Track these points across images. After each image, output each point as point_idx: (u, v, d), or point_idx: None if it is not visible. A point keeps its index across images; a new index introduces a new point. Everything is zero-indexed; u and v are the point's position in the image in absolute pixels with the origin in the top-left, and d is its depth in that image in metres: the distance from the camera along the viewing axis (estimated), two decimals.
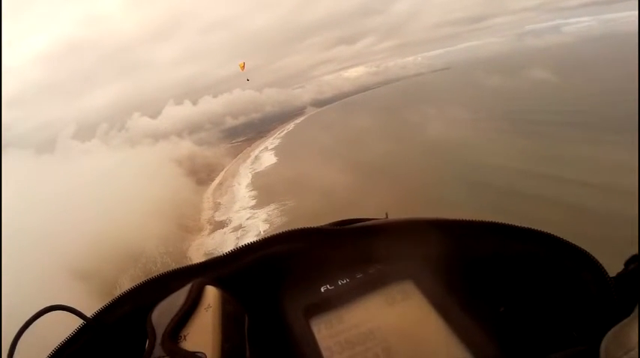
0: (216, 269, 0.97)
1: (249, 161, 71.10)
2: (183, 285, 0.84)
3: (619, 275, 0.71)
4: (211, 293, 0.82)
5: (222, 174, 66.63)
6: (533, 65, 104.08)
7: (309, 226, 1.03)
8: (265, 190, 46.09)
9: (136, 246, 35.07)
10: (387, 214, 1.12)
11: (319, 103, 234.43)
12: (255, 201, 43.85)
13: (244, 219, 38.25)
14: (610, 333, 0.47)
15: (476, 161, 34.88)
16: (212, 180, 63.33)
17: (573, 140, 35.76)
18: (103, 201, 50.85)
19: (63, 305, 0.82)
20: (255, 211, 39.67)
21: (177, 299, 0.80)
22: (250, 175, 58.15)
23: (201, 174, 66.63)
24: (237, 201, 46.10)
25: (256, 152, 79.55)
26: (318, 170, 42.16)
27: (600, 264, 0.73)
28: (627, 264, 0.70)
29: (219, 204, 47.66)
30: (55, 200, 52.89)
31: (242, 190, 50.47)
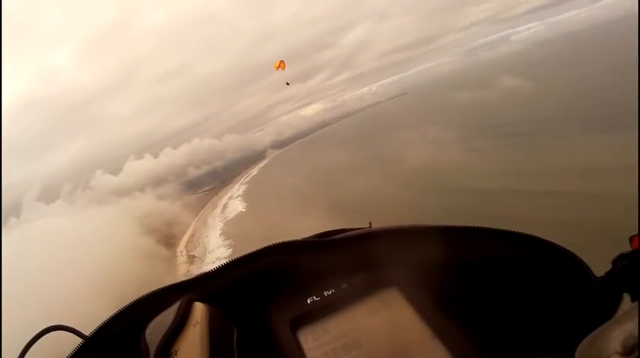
0: (205, 285, 1.01)
1: (217, 210, 70.13)
2: (174, 302, 0.87)
3: (607, 274, 0.71)
4: (199, 309, 0.85)
5: (192, 226, 65.38)
6: (499, 74, 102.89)
7: (292, 239, 1.06)
8: (240, 238, 44.81)
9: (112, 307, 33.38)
10: (370, 223, 1.17)
11: (280, 144, 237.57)
12: (231, 250, 42.79)
13: None
14: (585, 340, 0.47)
15: (460, 185, 33.74)
16: (183, 233, 61.88)
17: (554, 147, 34.48)
18: (65, 267, 48.26)
19: (62, 326, 0.85)
20: None
21: (168, 316, 0.84)
22: (222, 224, 57.19)
23: (171, 228, 64.96)
24: (212, 252, 45.04)
25: (224, 200, 78.71)
26: (292, 214, 40.85)
27: (586, 265, 0.73)
28: (615, 262, 0.70)
29: (194, 256, 46.59)
30: (18, 267, 49.78)
31: (215, 240, 49.54)
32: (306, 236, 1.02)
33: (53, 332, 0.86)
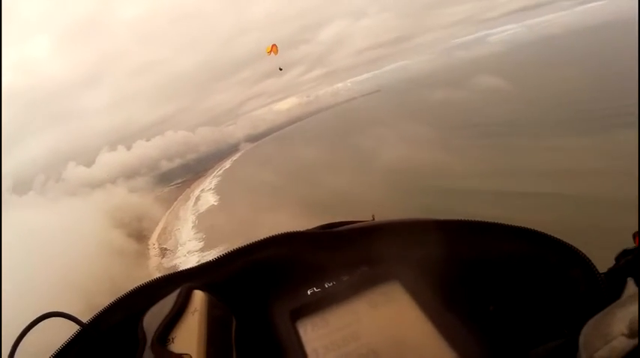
0: (205, 274, 1.02)
1: (190, 203, 70.15)
2: (173, 291, 0.88)
3: (610, 270, 0.70)
4: (198, 297, 0.85)
5: (164, 218, 65.25)
6: (475, 74, 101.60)
7: (295, 230, 1.07)
8: (212, 232, 45.54)
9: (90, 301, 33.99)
10: (373, 216, 1.17)
11: (253, 138, 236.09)
12: (202, 243, 43.72)
13: (194, 263, 37.94)
14: (589, 323, 0.46)
15: (435, 185, 33.42)
16: (154, 226, 61.88)
17: (530, 148, 34.66)
18: (35, 260, 47.88)
19: (60, 312, 0.85)
20: (204, 254, 39.24)
21: (166, 304, 0.84)
22: (194, 217, 57.60)
23: (143, 222, 64.63)
24: (183, 245, 45.81)
25: (196, 193, 78.65)
26: (264, 209, 40.99)
27: (589, 260, 0.72)
28: (618, 258, 0.69)
29: (166, 249, 47.12)
30: None
31: (187, 233, 50.08)
32: (277, 231, 1.07)
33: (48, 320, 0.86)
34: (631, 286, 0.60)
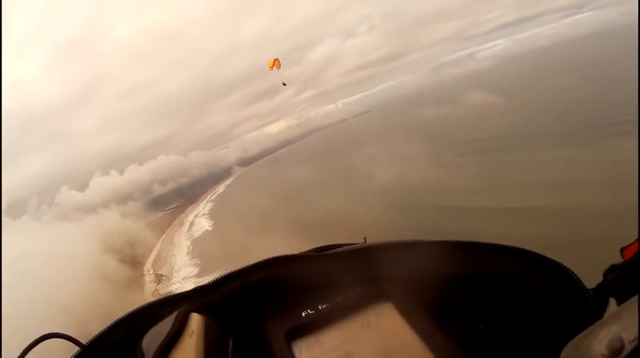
0: (202, 296, 1.03)
1: (184, 228, 70.11)
2: (171, 313, 0.89)
3: (598, 286, 0.70)
4: (195, 319, 0.86)
5: (158, 244, 65.19)
6: (466, 90, 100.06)
7: (289, 253, 1.08)
8: (207, 258, 45.30)
9: (82, 327, 34.03)
10: (365, 239, 1.18)
11: (245, 162, 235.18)
12: (198, 269, 43.68)
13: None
14: (571, 343, 0.46)
15: (429, 203, 33.24)
16: (148, 251, 61.80)
17: (523, 162, 34.25)
18: (28, 285, 47.62)
19: (59, 333, 0.85)
20: (200, 280, 38.57)
21: (164, 326, 0.85)
22: (188, 243, 57.55)
23: (136, 247, 64.45)
24: (179, 271, 45.80)
25: (190, 218, 78.70)
26: (258, 234, 39.80)
27: (577, 277, 0.73)
28: (606, 274, 0.70)
29: (161, 275, 47.20)
30: None
31: (182, 259, 50.07)
32: (272, 255, 1.08)
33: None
34: (613, 306, 0.63)
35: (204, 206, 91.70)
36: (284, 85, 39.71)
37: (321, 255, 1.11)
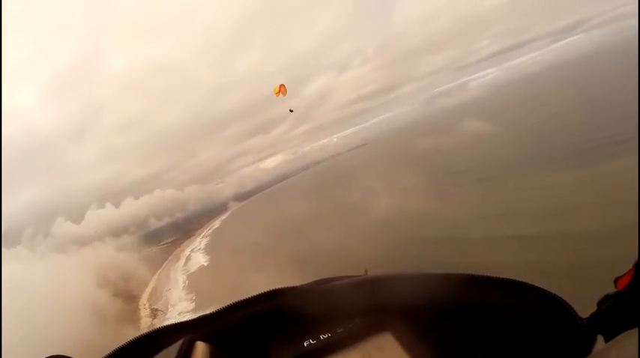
0: (207, 325, 1.06)
1: (180, 263, 70.09)
2: (175, 341, 0.91)
3: (592, 315, 0.71)
4: (200, 348, 0.89)
5: (154, 278, 65.06)
6: (460, 120, 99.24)
7: (291, 285, 1.11)
8: (203, 293, 45.03)
9: None
10: (366, 271, 1.23)
11: (241, 197, 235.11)
12: (194, 304, 43.79)
13: None
14: None
15: (429, 235, 32.70)
16: (144, 285, 61.64)
17: (521, 189, 34.00)
18: (19, 318, 47.30)
19: (63, 356, 0.87)
20: (196, 315, 38.66)
21: (169, 354, 0.86)
22: (184, 277, 57.60)
23: (132, 281, 64.17)
24: (174, 306, 45.89)
25: (187, 253, 78.68)
26: (254, 270, 39.71)
27: (571, 307, 0.74)
28: (600, 304, 0.70)
29: (157, 310, 47.16)
30: None
31: (178, 294, 50.19)
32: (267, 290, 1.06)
33: None
34: (599, 344, 0.63)
35: (200, 241, 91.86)
36: (291, 111, 37.80)
37: (322, 286, 1.17)
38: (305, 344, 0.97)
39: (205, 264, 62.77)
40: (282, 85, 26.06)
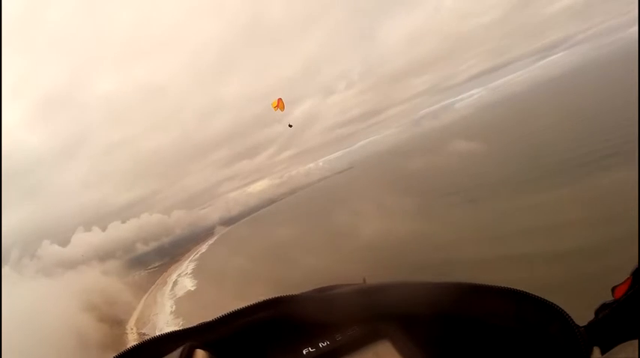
0: (206, 333, 1.06)
1: (167, 288, 70.11)
2: (175, 348, 0.91)
3: (590, 324, 0.72)
4: (200, 356, 0.89)
5: (141, 303, 64.98)
6: (448, 140, 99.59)
7: (291, 294, 1.11)
8: (190, 317, 43.79)
9: None
10: (364, 279, 1.27)
11: (228, 221, 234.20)
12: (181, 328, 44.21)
13: None
14: None
15: (418, 258, 32.02)
16: (131, 310, 61.53)
17: (511, 209, 33.54)
18: (7, 346, 47.16)
19: None
20: None
21: None
22: (172, 302, 57.84)
23: (118, 306, 63.91)
24: (162, 330, 45.60)
25: (173, 277, 78.63)
26: (242, 293, 38.35)
27: (568, 315, 0.74)
28: (597, 312, 0.71)
29: (144, 334, 46.96)
30: None
31: (165, 318, 50.62)
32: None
33: None
34: (595, 355, 0.63)
35: (187, 265, 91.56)
36: (290, 126, 36.85)
37: (322, 295, 1.21)
38: (304, 352, 1.01)
39: (192, 289, 62.86)
40: (279, 99, 25.92)
